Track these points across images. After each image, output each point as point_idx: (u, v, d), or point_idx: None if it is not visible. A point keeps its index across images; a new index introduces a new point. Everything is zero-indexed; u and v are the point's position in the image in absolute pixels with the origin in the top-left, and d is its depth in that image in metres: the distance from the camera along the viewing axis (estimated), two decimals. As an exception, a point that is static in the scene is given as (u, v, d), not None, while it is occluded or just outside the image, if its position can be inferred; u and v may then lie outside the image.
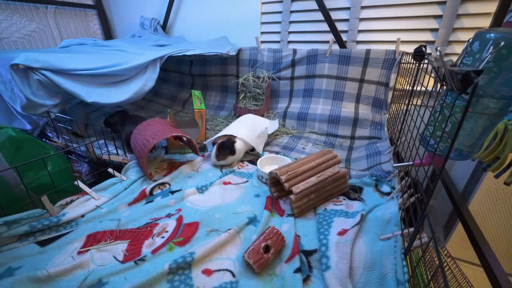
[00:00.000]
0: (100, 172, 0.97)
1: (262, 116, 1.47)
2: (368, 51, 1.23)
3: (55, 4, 1.78)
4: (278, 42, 1.55)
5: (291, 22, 1.46)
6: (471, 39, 0.62)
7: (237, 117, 1.52)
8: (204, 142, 1.13)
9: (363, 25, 1.28)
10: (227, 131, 1.06)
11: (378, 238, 0.62)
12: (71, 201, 0.76)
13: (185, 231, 0.68)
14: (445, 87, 0.50)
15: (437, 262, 0.58)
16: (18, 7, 1.62)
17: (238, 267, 0.59)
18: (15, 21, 1.63)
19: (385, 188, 0.80)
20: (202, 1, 1.71)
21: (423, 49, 0.71)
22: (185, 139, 1.00)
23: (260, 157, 1.05)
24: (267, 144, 1.23)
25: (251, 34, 1.55)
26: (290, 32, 1.49)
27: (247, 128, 1.10)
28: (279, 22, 1.50)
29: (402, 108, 0.99)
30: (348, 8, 1.28)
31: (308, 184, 0.74)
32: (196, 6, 1.74)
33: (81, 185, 0.82)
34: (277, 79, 1.51)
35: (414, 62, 0.82)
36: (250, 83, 1.51)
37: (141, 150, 0.87)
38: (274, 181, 0.83)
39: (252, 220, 0.72)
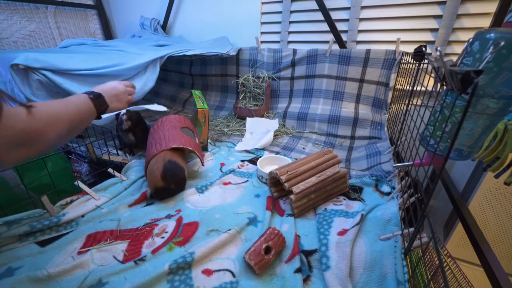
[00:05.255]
0: (100, 172, 0.97)
1: (262, 116, 1.47)
2: (368, 51, 1.23)
3: (55, 4, 1.78)
4: (278, 42, 1.55)
5: (291, 22, 1.46)
6: (471, 39, 0.62)
7: (237, 117, 1.52)
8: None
9: (363, 25, 1.28)
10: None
11: (378, 238, 0.62)
12: (71, 201, 0.76)
13: (185, 231, 0.68)
14: (445, 87, 0.50)
15: (437, 262, 0.58)
16: (18, 7, 1.62)
17: (238, 267, 0.59)
18: (15, 21, 1.63)
19: (385, 188, 0.80)
20: (202, 1, 1.71)
21: (423, 49, 0.71)
22: (190, 148, 0.90)
23: (260, 156, 1.05)
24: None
25: (251, 34, 1.55)
26: (290, 32, 1.50)
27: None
28: (279, 22, 1.50)
29: (402, 108, 0.99)
30: (348, 8, 1.29)
31: (308, 184, 0.74)
32: (196, 6, 1.75)
33: (81, 185, 0.82)
34: (277, 79, 1.51)
35: (414, 62, 0.82)
36: (250, 83, 1.51)
37: (148, 151, 0.87)
38: (274, 181, 0.83)
39: (252, 221, 0.72)
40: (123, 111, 1.07)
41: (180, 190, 0.84)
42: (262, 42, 1.58)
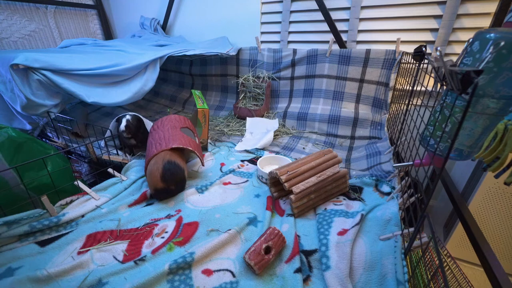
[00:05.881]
0: (100, 172, 0.97)
1: (262, 116, 1.47)
2: (368, 51, 1.23)
3: (55, 4, 1.78)
4: (278, 42, 1.55)
5: (291, 22, 1.46)
6: (471, 39, 0.62)
7: (237, 117, 1.52)
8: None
9: (363, 25, 1.28)
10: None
11: (378, 238, 0.62)
12: (71, 201, 0.76)
13: (185, 231, 0.68)
14: (445, 87, 0.50)
15: (437, 262, 0.58)
16: (18, 7, 1.62)
17: (238, 267, 0.59)
18: (15, 21, 1.63)
19: (385, 188, 0.80)
20: (202, 1, 1.71)
21: (423, 49, 0.71)
22: (190, 148, 0.89)
23: (260, 156, 1.05)
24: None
25: (251, 34, 1.55)
26: (290, 32, 1.49)
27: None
28: (279, 22, 1.50)
29: (402, 108, 0.99)
30: (348, 8, 1.28)
31: (308, 184, 0.74)
32: (196, 6, 1.75)
33: (81, 185, 0.82)
34: (277, 79, 1.51)
35: (414, 62, 0.82)
36: (250, 83, 1.51)
37: (148, 151, 0.87)
38: (274, 181, 0.83)
39: (252, 221, 0.72)
40: (123, 122, 1.05)
41: (179, 190, 0.84)
42: (262, 42, 1.58)
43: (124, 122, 1.05)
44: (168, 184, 0.79)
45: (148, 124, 1.11)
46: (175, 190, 0.82)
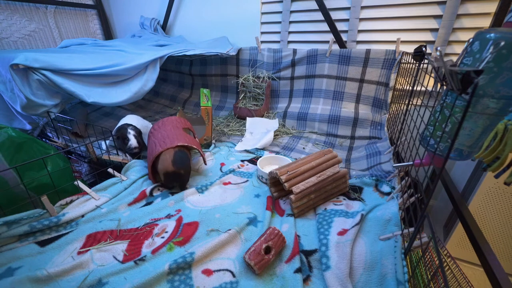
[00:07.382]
0: (100, 172, 0.97)
1: (262, 116, 1.47)
2: (368, 51, 1.23)
3: (55, 4, 1.78)
4: (278, 42, 1.55)
5: (291, 22, 1.46)
6: (471, 39, 0.62)
7: (237, 117, 1.53)
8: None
9: (363, 25, 1.28)
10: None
11: (378, 238, 0.62)
12: (71, 201, 0.76)
13: (185, 231, 0.68)
14: (445, 87, 0.50)
15: (437, 262, 0.58)
16: (18, 7, 1.62)
17: (238, 267, 0.59)
18: (15, 21, 1.63)
19: (385, 188, 0.80)
20: (202, 1, 1.71)
21: (423, 49, 0.71)
22: (195, 146, 0.92)
23: (260, 156, 1.05)
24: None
25: (251, 34, 1.55)
26: (290, 32, 1.49)
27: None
28: (279, 22, 1.50)
29: (402, 108, 0.99)
30: (348, 8, 1.28)
31: (308, 184, 0.74)
32: (196, 6, 1.74)
33: (81, 185, 0.82)
34: (277, 79, 1.51)
35: (414, 62, 0.82)
36: (250, 83, 1.51)
37: (150, 152, 0.88)
38: (274, 181, 0.83)
39: (252, 221, 0.72)
40: (132, 139, 1.04)
41: (186, 177, 0.87)
42: (262, 42, 1.58)
43: (133, 139, 1.04)
44: (179, 168, 0.82)
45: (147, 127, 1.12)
46: (184, 175, 0.85)
